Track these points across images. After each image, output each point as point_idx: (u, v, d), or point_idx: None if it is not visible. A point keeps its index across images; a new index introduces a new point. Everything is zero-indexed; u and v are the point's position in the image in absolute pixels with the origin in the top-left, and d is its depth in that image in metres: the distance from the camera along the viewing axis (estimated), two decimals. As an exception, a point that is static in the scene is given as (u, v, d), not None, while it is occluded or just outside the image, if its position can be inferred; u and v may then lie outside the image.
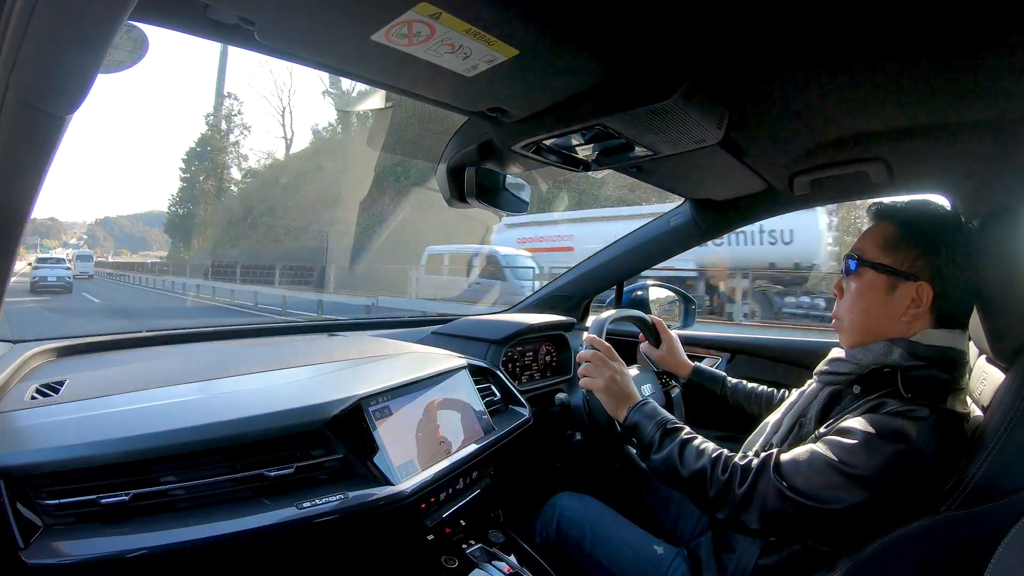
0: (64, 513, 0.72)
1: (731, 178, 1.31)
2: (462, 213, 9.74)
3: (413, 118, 1.23)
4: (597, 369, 1.11)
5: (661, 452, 0.95)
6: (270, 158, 40.80)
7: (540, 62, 0.73)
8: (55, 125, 0.51)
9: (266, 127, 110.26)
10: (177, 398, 0.92)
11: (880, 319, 0.89)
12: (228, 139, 39.78)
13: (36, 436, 0.78)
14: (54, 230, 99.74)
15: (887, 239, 0.90)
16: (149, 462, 0.78)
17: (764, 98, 0.88)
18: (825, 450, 0.80)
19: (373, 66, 0.74)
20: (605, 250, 1.86)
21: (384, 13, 0.59)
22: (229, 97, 44.11)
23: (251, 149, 78.36)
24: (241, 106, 57.20)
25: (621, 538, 1.15)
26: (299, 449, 0.89)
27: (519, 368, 1.67)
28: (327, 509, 0.83)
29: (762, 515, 0.82)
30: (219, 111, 40.63)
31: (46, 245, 47.24)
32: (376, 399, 1.01)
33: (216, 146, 38.93)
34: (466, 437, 1.17)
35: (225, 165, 38.99)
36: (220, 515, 0.78)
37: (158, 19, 0.64)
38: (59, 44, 0.46)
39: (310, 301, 15.42)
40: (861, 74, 0.79)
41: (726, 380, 1.37)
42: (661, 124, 0.88)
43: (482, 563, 1.10)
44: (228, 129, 39.81)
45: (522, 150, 1.00)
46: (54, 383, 0.94)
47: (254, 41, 0.66)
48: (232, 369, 1.07)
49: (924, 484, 0.77)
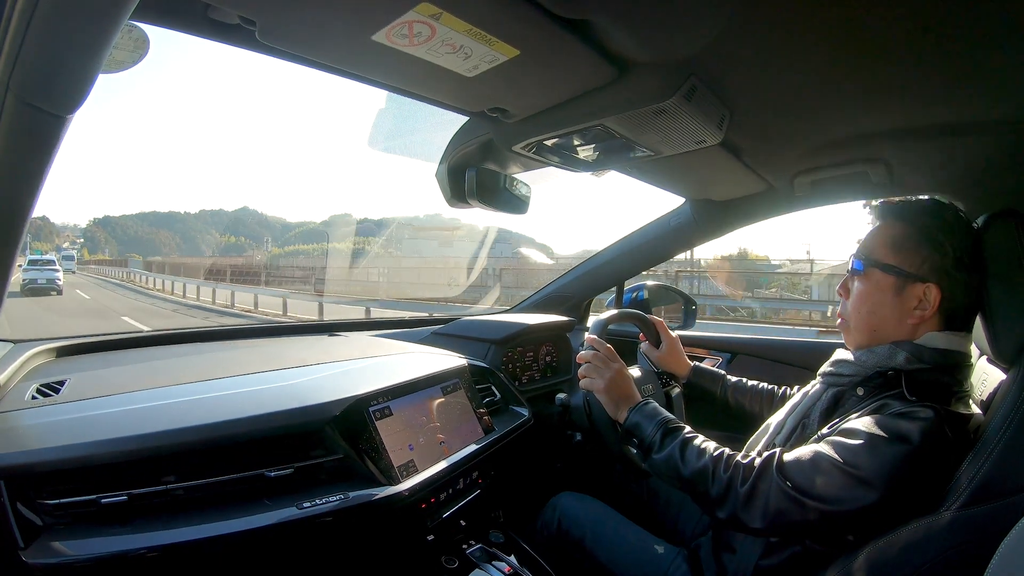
0: (64, 513, 0.72)
1: (732, 178, 1.31)
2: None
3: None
4: (597, 370, 1.11)
5: (662, 452, 0.95)
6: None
7: (541, 62, 0.73)
8: (56, 125, 0.51)
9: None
10: (177, 398, 0.92)
11: (887, 320, 0.89)
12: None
13: (36, 436, 0.78)
14: (45, 231, 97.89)
15: (895, 239, 0.89)
16: (149, 462, 0.78)
17: (765, 99, 0.88)
18: (829, 450, 0.80)
19: (374, 66, 0.74)
20: (605, 250, 1.86)
21: (385, 13, 0.59)
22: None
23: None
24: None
25: (622, 538, 1.15)
26: (299, 449, 0.89)
27: (519, 368, 1.67)
28: (327, 509, 0.83)
29: (764, 514, 0.82)
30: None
31: (36, 248, 45.80)
32: (376, 399, 1.01)
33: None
34: (466, 437, 1.17)
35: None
36: (220, 515, 0.78)
37: (159, 19, 0.64)
38: (60, 44, 0.46)
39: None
40: (862, 74, 0.78)
41: (726, 379, 1.36)
42: (662, 124, 0.88)
43: (482, 563, 1.10)
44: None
45: (523, 150, 1.00)
46: (54, 383, 0.94)
47: (255, 41, 0.66)
48: (232, 369, 1.07)
49: (926, 485, 0.77)
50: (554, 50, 0.70)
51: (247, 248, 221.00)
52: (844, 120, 0.96)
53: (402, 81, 0.80)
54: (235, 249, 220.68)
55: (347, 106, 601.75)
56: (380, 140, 1.28)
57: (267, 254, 78.34)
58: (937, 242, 0.86)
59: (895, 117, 0.93)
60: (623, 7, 0.63)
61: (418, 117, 1.11)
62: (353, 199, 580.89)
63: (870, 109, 0.91)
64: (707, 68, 0.77)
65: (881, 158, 1.10)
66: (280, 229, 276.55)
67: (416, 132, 1.18)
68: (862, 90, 0.84)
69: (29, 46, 0.45)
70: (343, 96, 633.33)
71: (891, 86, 0.82)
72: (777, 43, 0.71)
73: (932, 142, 1.00)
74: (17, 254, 0.64)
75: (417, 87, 0.82)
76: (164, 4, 0.63)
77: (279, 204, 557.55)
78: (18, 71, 0.46)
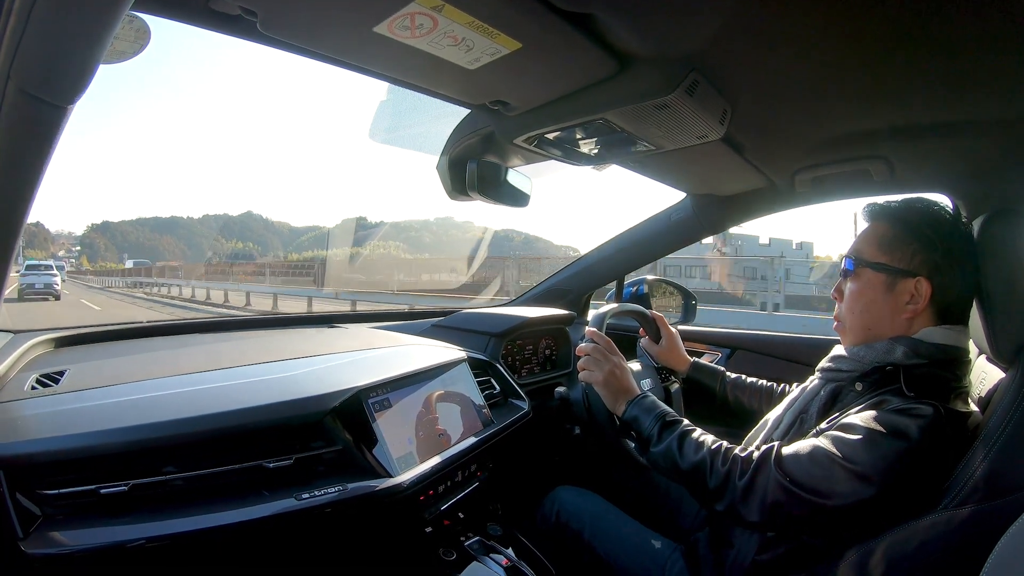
0: (64, 503, 0.72)
1: (733, 174, 1.31)
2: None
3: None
4: (596, 363, 1.11)
5: (660, 445, 0.95)
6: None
7: (543, 55, 0.72)
8: (56, 115, 0.51)
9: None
10: (177, 388, 0.92)
11: (881, 317, 0.89)
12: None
13: (36, 426, 0.78)
14: (39, 237, 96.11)
15: (883, 239, 0.90)
16: (148, 452, 0.78)
17: (767, 94, 0.88)
18: (827, 445, 0.80)
19: (375, 58, 0.74)
20: (606, 245, 1.86)
21: (387, 5, 0.59)
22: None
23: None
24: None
25: (620, 532, 1.16)
26: (298, 440, 0.89)
27: (519, 361, 1.67)
28: (326, 500, 0.84)
29: (762, 508, 0.82)
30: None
31: (29, 256, 44.14)
32: (376, 391, 1.01)
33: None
34: (465, 430, 1.17)
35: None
36: (219, 506, 0.78)
37: (160, 9, 0.64)
38: (61, 34, 0.46)
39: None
40: (864, 72, 0.78)
41: (725, 375, 1.37)
42: (663, 119, 0.87)
43: (480, 556, 1.11)
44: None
45: (524, 143, 1.00)
46: (54, 373, 0.94)
47: (256, 32, 0.65)
48: (231, 360, 1.07)
49: (924, 481, 0.77)
50: (556, 43, 0.69)
51: (255, 254, 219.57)
52: (846, 117, 0.96)
53: (403, 73, 0.80)
54: (244, 255, 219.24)
55: (352, 106, 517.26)
56: (381, 133, 1.28)
57: (282, 260, 78.30)
58: (925, 237, 0.87)
59: (897, 114, 0.93)
60: (625, 1, 0.62)
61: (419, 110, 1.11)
62: (357, 202, 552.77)
63: (872, 106, 0.91)
64: (709, 63, 0.77)
65: (882, 155, 1.10)
66: (287, 234, 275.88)
67: (417, 125, 1.17)
68: (864, 87, 0.83)
69: (30, 36, 0.44)
70: (349, 96, 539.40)
71: (893, 83, 0.81)
72: (779, 38, 0.71)
73: (933, 140, 1.00)
74: (17, 243, 0.64)
75: (418, 79, 0.82)
76: None
77: (284, 209, 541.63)
78: (19, 61, 0.46)
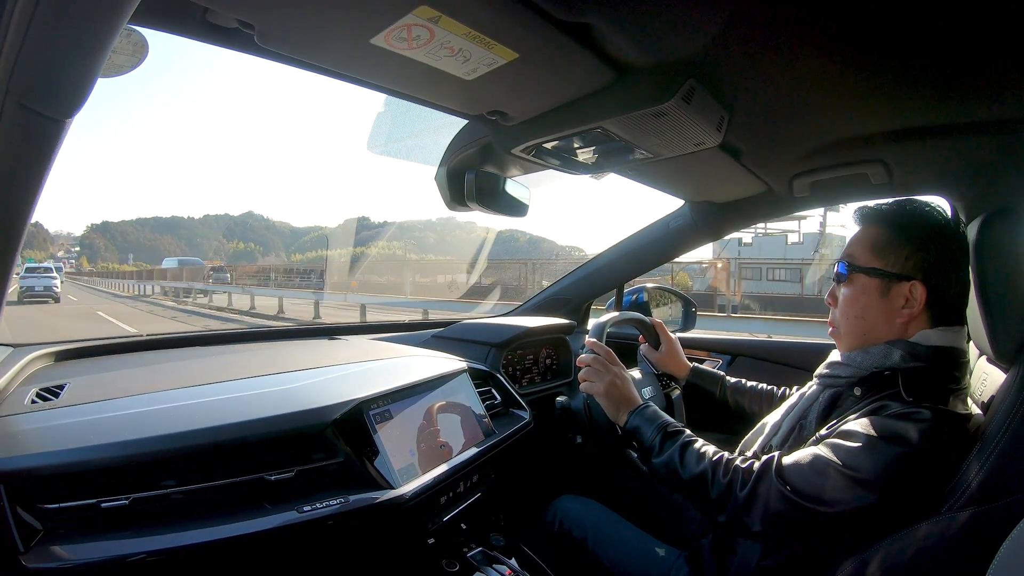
0: (64, 517, 0.72)
1: (731, 180, 1.32)
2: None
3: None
4: (597, 373, 1.11)
5: (662, 456, 0.95)
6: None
7: (540, 65, 0.73)
8: (54, 129, 0.51)
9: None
10: (177, 402, 0.91)
11: (876, 322, 0.89)
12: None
13: (36, 440, 0.78)
14: (38, 238, 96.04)
15: (876, 242, 0.90)
16: (149, 466, 0.77)
17: (763, 101, 0.89)
18: (827, 453, 0.80)
19: (372, 70, 0.75)
20: (605, 253, 1.86)
21: (384, 17, 0.59)
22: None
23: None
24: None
25: (623, 540, 1.15)
26: (300, 453, 0.89)
27: (519, 371, 1.67)
28: (327, 513, 0.83)
29: (764, 517, 0.82)
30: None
31: (28, 256, 43.72)
32: (377, 403, 1.01)
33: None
34: (467, 440, 1.16)
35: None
36: (220, 519, 0.77)
37: (157, 23, 0.64)
38: (59, 47, 0.46)
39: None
40: (860, 76, 0.79)
41: (725, 380, 1.36)
42: (661, 127, 0.88)
43: (483, 566, 1.10)
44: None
45: (522, 153, 1.00)
46: (54, 387, 0.94)
47: (254, 45, 0.66)
48: (232, 373, 1.07)
49: (926, 486, 0.77)
50: (553, 53, 0.70)
51: (257, 255, 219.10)
52: (842, 122, 0.97)
53: (401, 84, 0.80)
54: (245, 256, 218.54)
55: (352, 106, 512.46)
56: (379, 144, 1.28)
57: (286, 260, 78.02)
58: (919, 240, 0.87)
59: (893, 118, 0.94)
60: (621, 10, 0.63)
61: (417, 120, 1.12)
62: (358, 202, 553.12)
63: (868, 110, 0.91)
64: (705, 71, 0.77)
65: (880, 159, 1.11)
66: (288, 235, 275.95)
67: (415, 135, 1.18)
68: (860, 92, 0.84)
69: (28, 49, 0.45)
70: (349, 96, 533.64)
71: (889, 87, 0.82)
72: (775, 45, 0.71)
73: (930, 142, 1.00)
74: (16, 259, 0.64)
75: (416, 90, 0.82)
76: (162, 8, 0.64)
77: (285, 209, 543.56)
78: (17, 74, 0.46)
